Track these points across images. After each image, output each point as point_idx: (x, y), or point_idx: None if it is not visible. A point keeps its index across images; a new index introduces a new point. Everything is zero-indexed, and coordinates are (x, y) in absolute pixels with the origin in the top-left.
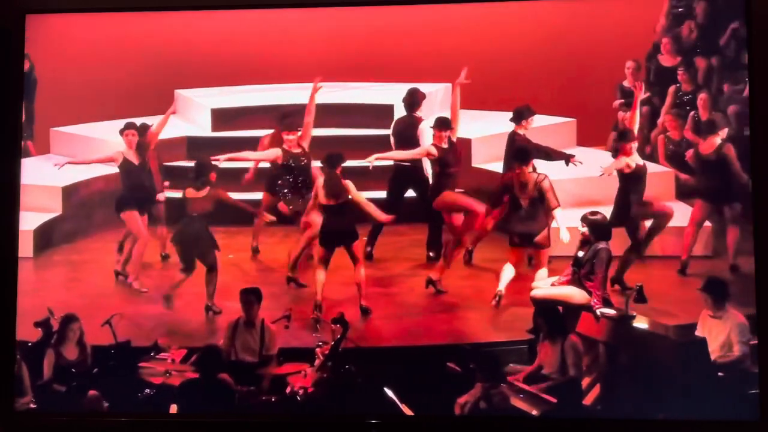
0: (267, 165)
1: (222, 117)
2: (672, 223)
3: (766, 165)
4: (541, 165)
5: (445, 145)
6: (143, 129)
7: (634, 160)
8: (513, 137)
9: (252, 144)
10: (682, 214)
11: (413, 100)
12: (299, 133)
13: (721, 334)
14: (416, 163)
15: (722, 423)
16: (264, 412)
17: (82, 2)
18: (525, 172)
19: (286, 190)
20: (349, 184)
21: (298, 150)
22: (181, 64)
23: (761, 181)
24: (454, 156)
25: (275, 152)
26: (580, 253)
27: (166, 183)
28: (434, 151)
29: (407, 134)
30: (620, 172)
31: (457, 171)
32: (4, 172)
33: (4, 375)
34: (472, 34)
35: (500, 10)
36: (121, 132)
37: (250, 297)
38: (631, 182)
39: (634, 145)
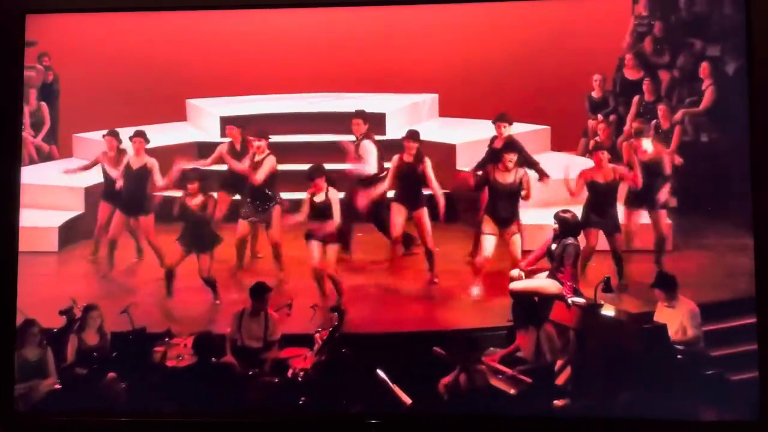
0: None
1: (229, 124)
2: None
3: (765, 166)
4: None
5: (408, 159)
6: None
7: (601, 174)
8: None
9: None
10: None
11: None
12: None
13: (675, 320)
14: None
15: (721, 423)
16: (263, 412)
17: (82, 2)
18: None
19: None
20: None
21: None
22: (193, 75)
23: (761, 181)
24: (417, 170)
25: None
26: (553, 246)
27: None
28: (396, 162)
29: None
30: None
31: (417, 188)
32: (5, 171)
33: (4, 375)
34: (455, 49)
35: (481, 26)
36: (130, 138)
37: (263, 293)
38: (590, 192)
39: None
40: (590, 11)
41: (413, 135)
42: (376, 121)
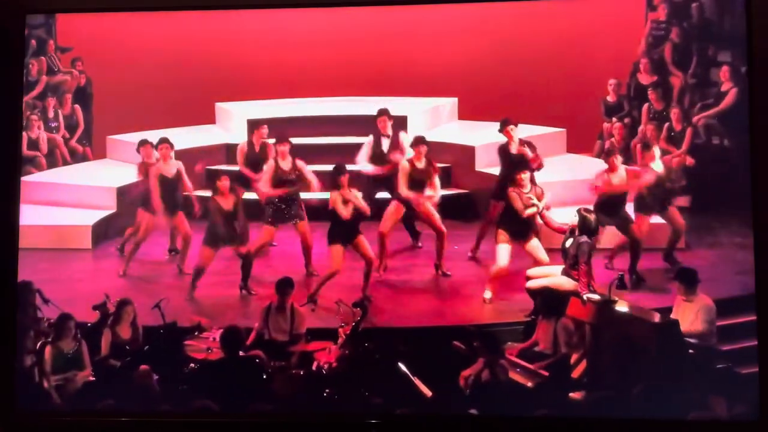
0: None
1: (256, 127)
2: (652, 220)
3: (765, 165)
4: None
5: (420, 164)
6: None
7: (616, 175)
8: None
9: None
10: None
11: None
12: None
13: (691, 314)
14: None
15: (722, 423)
16: (263, 412)
17: (83, 3)
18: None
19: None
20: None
21: (288, 166)
22: (222, 78)
23: (761, 181)
24: (427, 174)
25: (270, 166)
26: (568, 243)
27: None
28: (407, 167)
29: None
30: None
31: (429, 189)
32: (5, 171)
33: (5, 375)
34: (474, 54)
35: (499, 31)
36: (155, 146)
37: (286, 287)
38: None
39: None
40: (605, 16)
41: (422, 140)
42: (397, 124)
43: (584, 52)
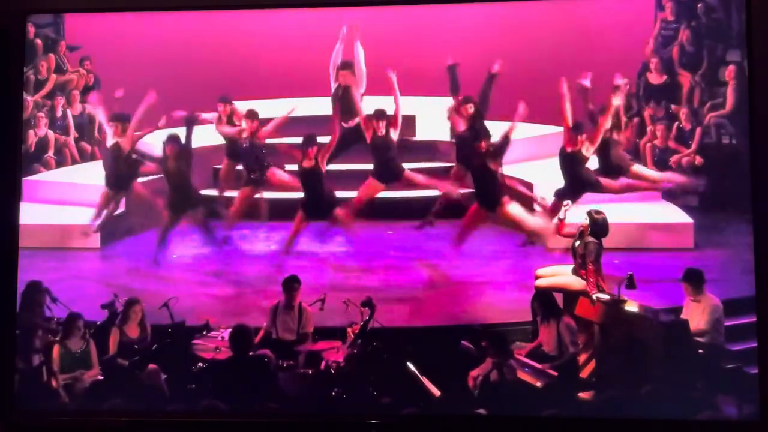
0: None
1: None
2: (661, 220)
3: (766, 166)
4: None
5: (380, 133)
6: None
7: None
8: None
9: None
10: (670, 212)
11: None
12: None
13: (698, 314)
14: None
15: (722, 423)
16: (264, 412)
17: (83, 2)
18: None
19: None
20: None
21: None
22: (229, 77)
23: (761, 181)
24: (387, 143)
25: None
26: (576, 244)
27: None
28: (367, 138)
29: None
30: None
31: (391, 157)
32: (5, 170)
33: (4, 374)
34: (482, 52)
35: (507, 30)
36: None
37: (293, 284)
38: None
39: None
40: (614, 15)
41: (381, 113)
42: (406, 123)
43: (593, 51)
